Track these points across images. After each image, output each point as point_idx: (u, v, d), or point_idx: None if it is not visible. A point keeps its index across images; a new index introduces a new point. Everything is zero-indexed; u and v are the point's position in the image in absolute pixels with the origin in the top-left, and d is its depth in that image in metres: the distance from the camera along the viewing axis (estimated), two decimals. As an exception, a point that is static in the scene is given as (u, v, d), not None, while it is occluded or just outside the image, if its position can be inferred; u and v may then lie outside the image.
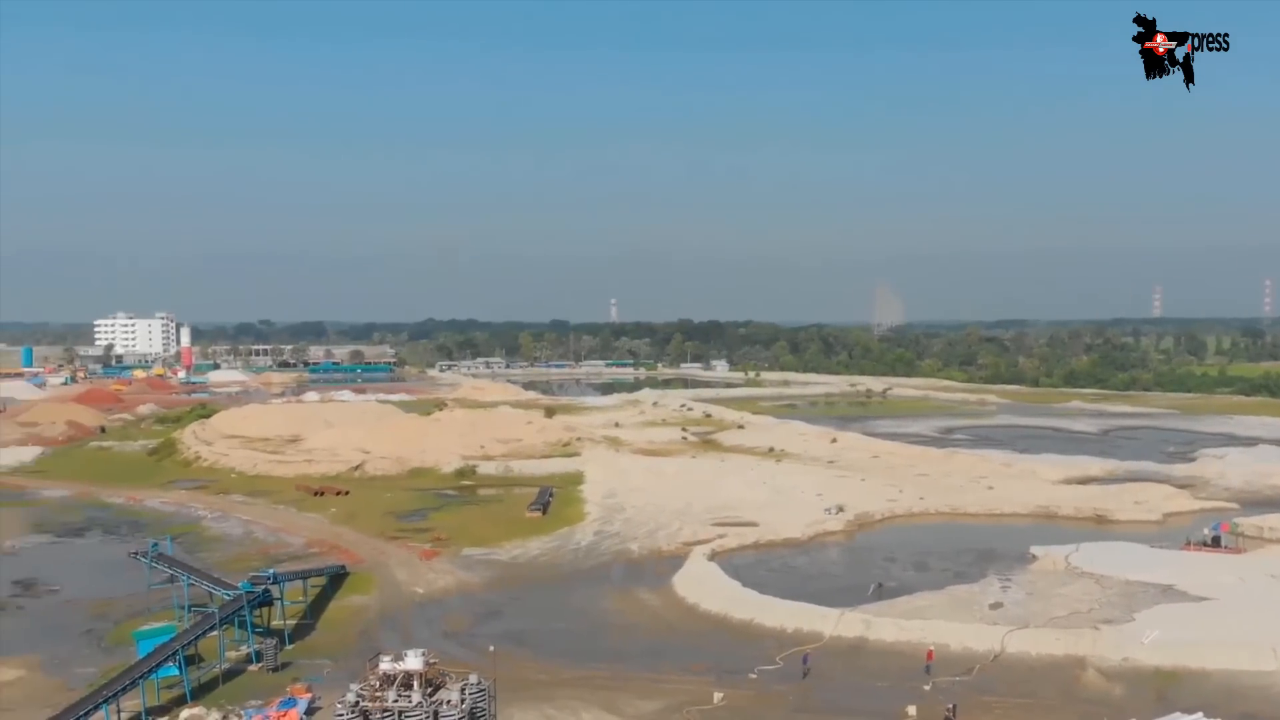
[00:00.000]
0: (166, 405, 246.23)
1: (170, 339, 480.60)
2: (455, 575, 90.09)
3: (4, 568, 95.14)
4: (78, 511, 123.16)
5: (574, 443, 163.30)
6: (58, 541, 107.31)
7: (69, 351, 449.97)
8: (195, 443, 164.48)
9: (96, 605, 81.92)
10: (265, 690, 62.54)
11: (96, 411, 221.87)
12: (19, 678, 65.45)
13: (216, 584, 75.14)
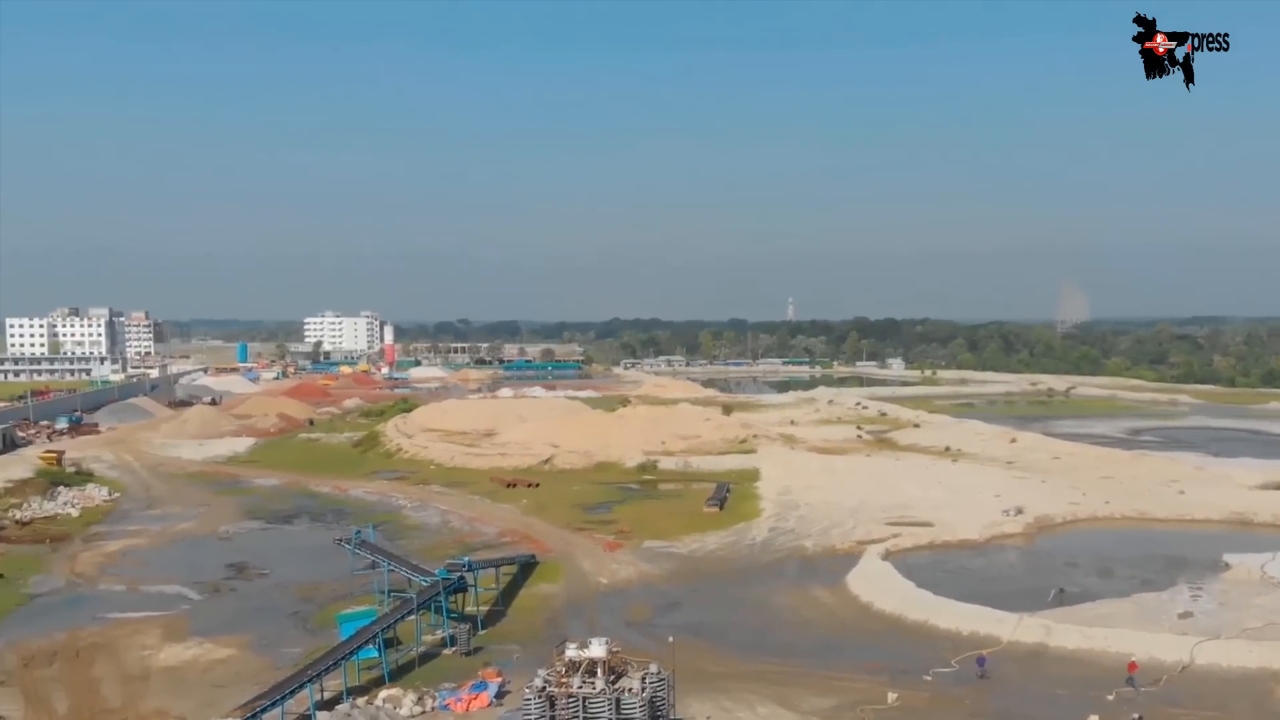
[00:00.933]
0: (370, 400, 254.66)
1: (374, 336, 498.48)
2: (637, 567, 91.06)
3: (219, 552, 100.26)
4: (287, 499, 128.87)
5: (750, 440, 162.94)
6: (268, 528, 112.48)
7: (281, 348, 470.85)
8: (397, 435, 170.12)
9: (303, 589, 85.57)
10: (458, 673, 64.25)
11: (306, 405, 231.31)
12: (230, 656, 68.80)
13: (415, 570, 77.61)
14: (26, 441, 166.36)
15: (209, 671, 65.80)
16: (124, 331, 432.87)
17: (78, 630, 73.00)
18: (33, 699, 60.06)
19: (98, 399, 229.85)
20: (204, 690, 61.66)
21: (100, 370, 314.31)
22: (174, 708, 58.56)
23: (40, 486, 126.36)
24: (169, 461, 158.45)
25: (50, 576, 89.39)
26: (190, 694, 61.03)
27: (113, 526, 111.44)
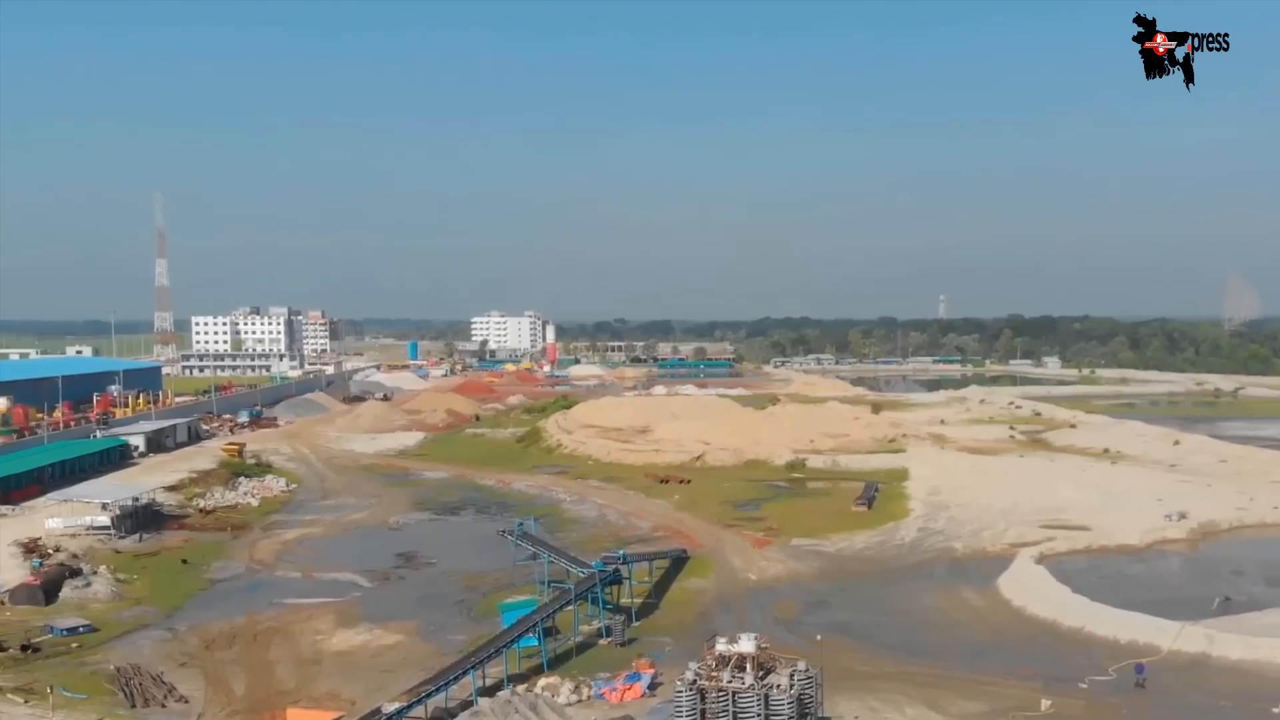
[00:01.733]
0: (533, 396, 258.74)
1: (537, 336, 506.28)
2: (785, 564, 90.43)
3: (390, 541, 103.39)
4: (454, 492, 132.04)
5: (899, 439, 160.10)
6: (436, 519, 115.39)
7: (449, 346, 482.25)
8: (557, 431, 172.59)
9: (468, 578, 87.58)
10: (613, 663, 64.85)
11: (472, 401, 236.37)
12: (399, 642, 70.80)
13: (573, 562, 78.69)
14: (210, 434, 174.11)
15: (378, 656, 67.88)
16: (302, 329, 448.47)
17: (256, 615, 76.17)
18: (213, 680, 62.85)
19: (277, 394, 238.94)
20: (373, 674, 63.60)
21: (279, 367, 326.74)
22: (345, 690, 60.52)
23: (223, 477, 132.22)
24: (343, 454, 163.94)
25: (231, 563, 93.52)
26: (360, 678, 63.02)
27: (290, 516, 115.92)
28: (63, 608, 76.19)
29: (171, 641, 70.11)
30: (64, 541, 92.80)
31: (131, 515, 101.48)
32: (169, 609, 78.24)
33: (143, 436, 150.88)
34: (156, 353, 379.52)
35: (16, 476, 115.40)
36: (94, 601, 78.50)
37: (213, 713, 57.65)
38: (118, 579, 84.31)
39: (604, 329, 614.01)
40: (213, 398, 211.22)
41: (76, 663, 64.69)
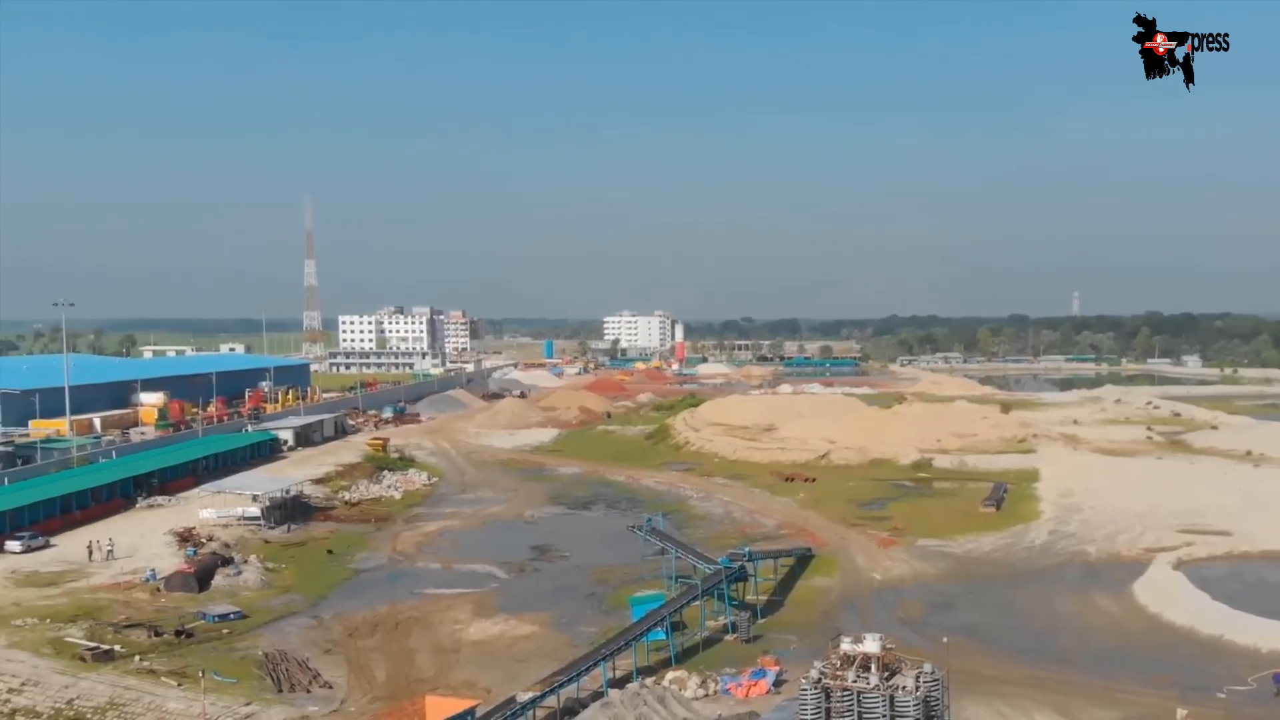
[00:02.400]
0: (661, 394, 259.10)
1: (666, 335, 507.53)
2: (911, 565, 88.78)
3: (526, 534, 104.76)
4: (586, 487, 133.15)
5: (1030, 439, 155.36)
6: (569, 513, 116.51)
7: (582, 345, 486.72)
8: (685, 429, 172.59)
9: (599, 571, 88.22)
10: (739, 659, 64.59)
11: (604, 399, 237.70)
12: (533, 632, 71.65)
13: (700, 558, 78.51)
14: (356, 429, 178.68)
15: (513, 646, 68.80)
16: (443, 328, 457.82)
17: (397, 604, 77.93)
18: (356, 666, 64.46)
19: (419, 391, 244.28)
20: (508, 664, 64.51)
21: (422, 364, 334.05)
22: (481, 679, 61.49)
23: (367, 470, 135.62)
24: (481, 449, 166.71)
25: (374, 554, 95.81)
26: (496, 667, 63.98)
27: (430, 509, 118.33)
28: (215, 595, 78.87)
29: (317, 629, 72.09)
30: (217, 531, 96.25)
31: (280, 507, 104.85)
32: (315, 597, 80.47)
33: (292, 431, 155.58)
34: (305, 350, 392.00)
35: (173, 469, 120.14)
36: (244, 589, 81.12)
37: (355, 699, 59.14)
38: (267, 568, 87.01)
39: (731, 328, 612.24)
40: (358, 394, 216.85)
41: (227, 648, 66.84)
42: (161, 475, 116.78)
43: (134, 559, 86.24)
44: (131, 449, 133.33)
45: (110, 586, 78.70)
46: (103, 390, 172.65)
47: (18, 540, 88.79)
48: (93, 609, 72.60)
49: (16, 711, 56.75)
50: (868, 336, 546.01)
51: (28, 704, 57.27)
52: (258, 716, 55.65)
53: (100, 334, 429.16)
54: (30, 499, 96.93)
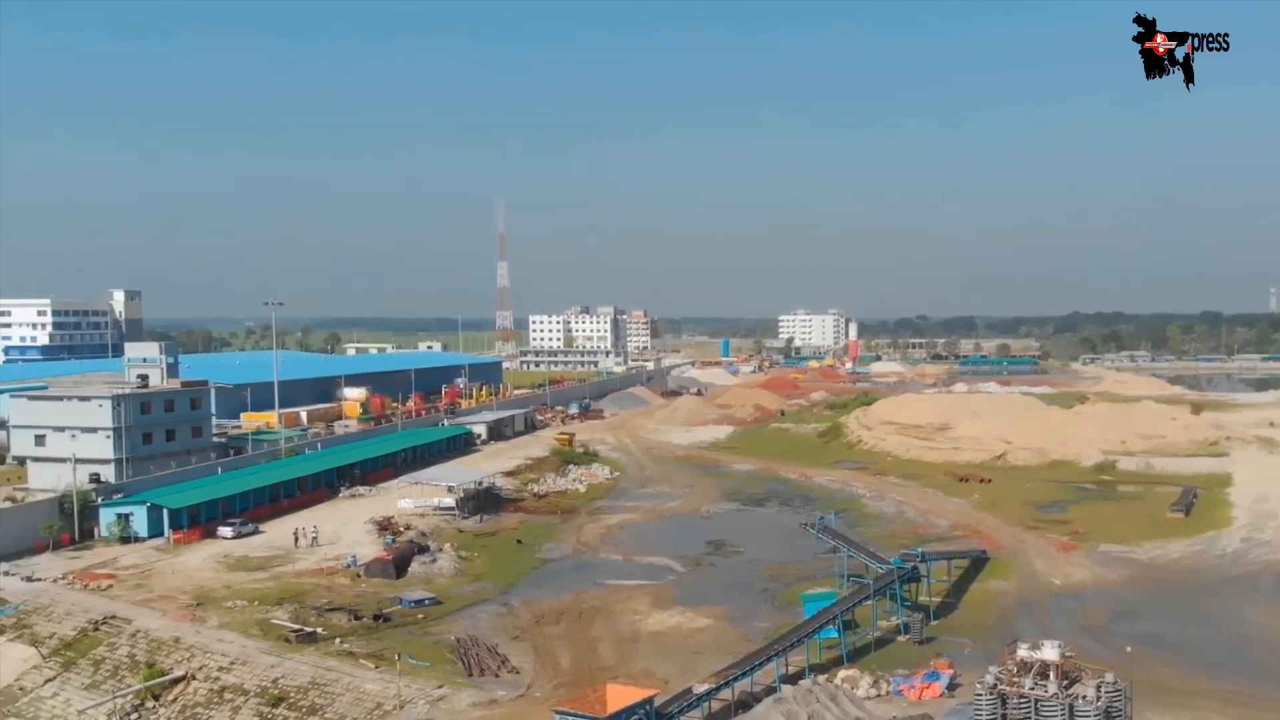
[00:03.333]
0: (835, 393, 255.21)
1: (840, 333, 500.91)
2: (1092, 570, 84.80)
3: (702, 529, 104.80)
4: (760, 484, 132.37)
5: (1222, 442, 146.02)
6: (743, 509, 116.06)
7: (757, 343, 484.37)
8: (858, 428, 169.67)
9: (772, 567, 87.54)
10: (911, 661, 63.04)
11: (778, 396, 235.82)
12: (708, 625, 71.60)
13: (872, 557, 77.06)
14: (544, 424, 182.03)
15: (690, 639, 68.95)
16: (626, 328, 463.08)
17: (581, 593, 79.10)
18: (541, 653, 65.68)
19: (602, 388, 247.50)
20: (685, 656, 64.65)
21: (605, 362, 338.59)
22: (659, 669, 61.82)
23: (554, 464, 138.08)
24: (660, 446, 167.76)
25: (560, 544, 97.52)
26: (673, 658, 64.21)
27: (612, 502, 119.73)
28: (411, 581, 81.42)
29: (506, 616, 73.79)
30: (414, 520, 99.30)
31: (473, 498, 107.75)
32: (504, 585, 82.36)
33: (484, 425, 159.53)
34: (498, 348, 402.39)
35: (373, 460, 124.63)
36: (439, 576, 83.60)
37: (540, 684, 60.27)
38: (460, 556, 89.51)
39: (905, 326, 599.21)
40: (546, 391, 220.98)
41: (421, 632, 69.01)
42: (363, 466, 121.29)
43: (336, 546, 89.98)
44: (335, 441, 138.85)
45: (314, 572, 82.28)
46: (309, 385, 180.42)
47: (230, 526, 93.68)
48: (298, 593, 76.10)
49: (226, 689, 60.05)
50: (1048, 334, 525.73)
51: (236, 682, 60.51)
52: (449, 699, 57.26)
53: (307, 332, 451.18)
54: (241, 488, 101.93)
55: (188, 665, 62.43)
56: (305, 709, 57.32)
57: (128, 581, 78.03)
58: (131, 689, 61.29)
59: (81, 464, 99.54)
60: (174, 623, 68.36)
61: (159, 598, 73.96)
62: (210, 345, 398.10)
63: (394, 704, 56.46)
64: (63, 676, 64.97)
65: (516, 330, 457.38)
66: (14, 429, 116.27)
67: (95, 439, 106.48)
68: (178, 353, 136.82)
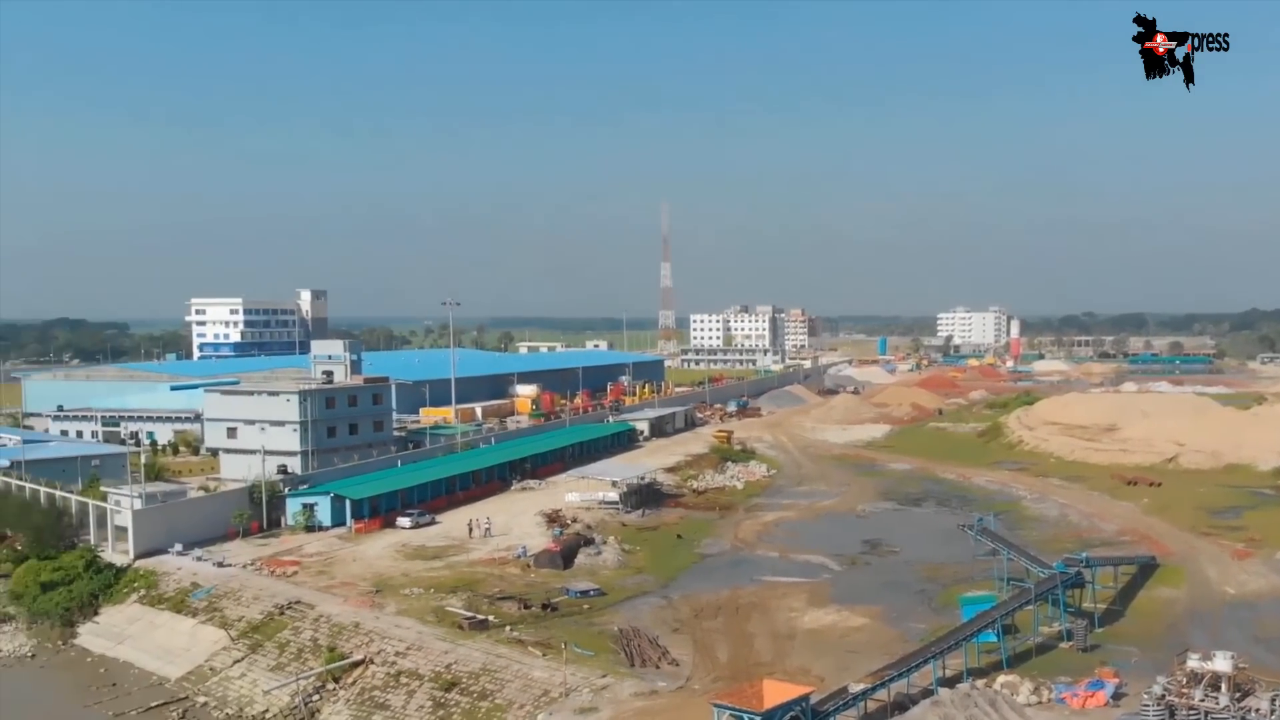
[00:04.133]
0: (995, 391, 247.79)
1: (1001, 330, 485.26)
2: (1269, 579, 79.53)
3: (856, 528, 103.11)
4: (916, 483, 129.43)
5: None
6: (899, 509, 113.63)
7: (915, 341, 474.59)
8: (1019, 428, 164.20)
9: (928, 568, 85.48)
10: (1074, 668, 60.52)
11: (935, 395, 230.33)
12: (864, 625, 70.37)
13: (1033, 561, 74.26)
14: (703, 421, 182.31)
15: (845, 637, 67.94)
16: (784, 326, 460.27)
17: (738, 589, 78.85)
18: (700, 646, 65.72)
19: (760, 386, 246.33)
20: (840, 654, 63.72)
21: (763, 361, 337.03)
22: (814, 667, 61.09)
23: (713, 461, 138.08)
24: (817, 444, 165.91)
25: (718, 540, 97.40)
26: (828, 656, 63.38)
27: (769, 499, 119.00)
28: (577, 572, 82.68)
29: (666, 608, 74.11)
30: (580, 513, 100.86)
31: (636, 492, 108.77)
32: (665, 579, 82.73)
33: (647, 422, 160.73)
34: (660, 347, 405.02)
35: (543, 455, 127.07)
36: (603, 568, 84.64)
37: (699, 677, 60.34)
38: (623, 549, 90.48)
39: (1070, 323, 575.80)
40: (706, 389, 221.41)
41: (587, 622, 69.94)
42: (533, 461, 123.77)
43: (507, 537, 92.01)
44: (508, 436, 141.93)
45: (486, 561, 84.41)
46: (484, 382, 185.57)
47: (408, 517, 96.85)
48: (471, 581, 78.15)
49: (402, 673, 62.11)
50: (1223, 332, 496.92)
51: (412, 666, 62.50)
52: (612, 688, 57.92)
53: (482, 331, 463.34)
54: (419, 480, 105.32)
55: (366, 650, 64.80)
56: (476, 694, 58.83)
57: (311, 568, 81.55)
58: (314, 671, 63.82)
59: (270, 456, 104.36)
60: (354, 609, 71.11)
61: (340, 584, 77.04)
62: (391, 343, 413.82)
63: (560, 691, 57.46)
64: (250, 658, 68.16)
65: (678, 329, 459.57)
66: (208, 422, 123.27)
67: (283, 432, 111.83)
68: (361, 350, 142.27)
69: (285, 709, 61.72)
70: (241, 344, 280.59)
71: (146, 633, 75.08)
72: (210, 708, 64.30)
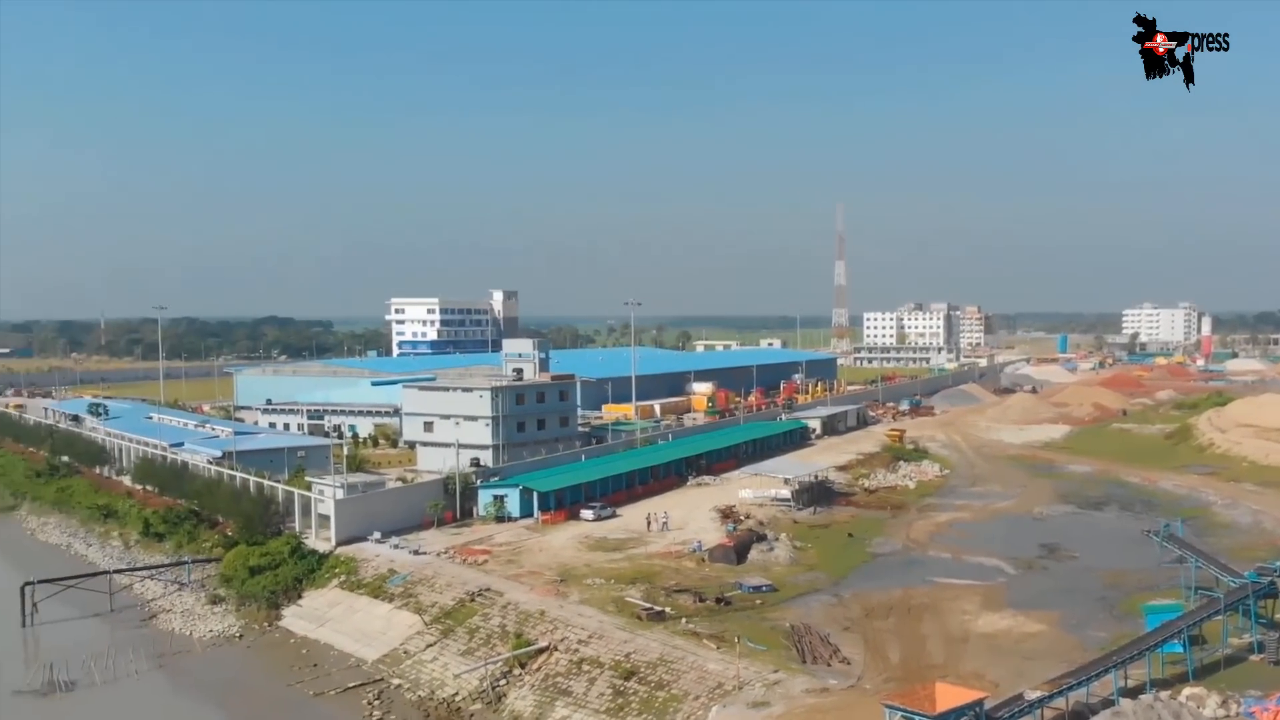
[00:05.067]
0: (1184, 392, 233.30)
1: (1191, 328, 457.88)
2: None
3: (1033, 531, 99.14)
4: (1098, 486, 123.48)
5: None
6: (1079, 512, 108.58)
7: (1098, 339, 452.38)
8: (1209, 429, 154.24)
9: (1110, 575, 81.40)
10: (1265, 682, 56.53)
11: (1119, 395, 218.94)
12: (1040, 631, 67.55)
13: (1223, 570, 69.78)
14: (875, 420, 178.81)
15: (1021, 643, 65.47)
16: (959, 324, 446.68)
17: (910, 589, 77.00)
18: (872, 646, 64.51)
19: (934, 384, 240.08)
20: (1015, 660, 61.44)
21: (937, 359, 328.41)
22: (989, 672, 59.12)
23: (884, 460, 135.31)
24: (992, 444, 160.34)
25: (889, 539, 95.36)
26: (1003, 661, 61.22)
27: (942, 500, 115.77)
28: (750, 568, 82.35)
29: (837, 607, 73.09)
30: (753, 510, 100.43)
31: (808, 490, 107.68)
32: (836, 577, 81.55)
33: (819, 420, 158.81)
34: (833, 345, 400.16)
35: (718, 451, 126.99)
36: (775, 565, 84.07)
37: (870, 677, 59.31)
38: (795, 546, 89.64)
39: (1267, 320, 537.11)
40: (878, 387, 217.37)
41: (759, 617, 69.51)
42: (708, 457, 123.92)
43: (683, 531, 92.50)
44: (684, 433, 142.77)
45: (663, 554, 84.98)
46: (662, 380, 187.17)
47: (591, 510, 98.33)
48: (648, 573, 78.79)
49: (584, 661, 63.15)
50: None
51: (593, 654, 63.47)
52: (784, 684, 57.56)
53: (661, 330, 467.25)
54: (601, 474, 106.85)
55: (550, 637, 66.14)
56: (654, 684, 59.38)
57: (500, 557, 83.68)
58: (501, 657, 65.35)
59: (464, 449, 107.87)
60: (540, 597, 72.76)
61: (527, 573, 78.87)
62: (576, 341, 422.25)
63: (733, 684, 57.48)
64: (441, 642, 70.15)
65: (851, 327, 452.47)
66: (406, 416, 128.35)
67: (476, 426, 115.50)
68: (548, 349, 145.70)
69: (474, 692, 63.41)
70: (438, 342, 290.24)
71: (346, 616, 78.10)
72: (404, 689, 66.28)
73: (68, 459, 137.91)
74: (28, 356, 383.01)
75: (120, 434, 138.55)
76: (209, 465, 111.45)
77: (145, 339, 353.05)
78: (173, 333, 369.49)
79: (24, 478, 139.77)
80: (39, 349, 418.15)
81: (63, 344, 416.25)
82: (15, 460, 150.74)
